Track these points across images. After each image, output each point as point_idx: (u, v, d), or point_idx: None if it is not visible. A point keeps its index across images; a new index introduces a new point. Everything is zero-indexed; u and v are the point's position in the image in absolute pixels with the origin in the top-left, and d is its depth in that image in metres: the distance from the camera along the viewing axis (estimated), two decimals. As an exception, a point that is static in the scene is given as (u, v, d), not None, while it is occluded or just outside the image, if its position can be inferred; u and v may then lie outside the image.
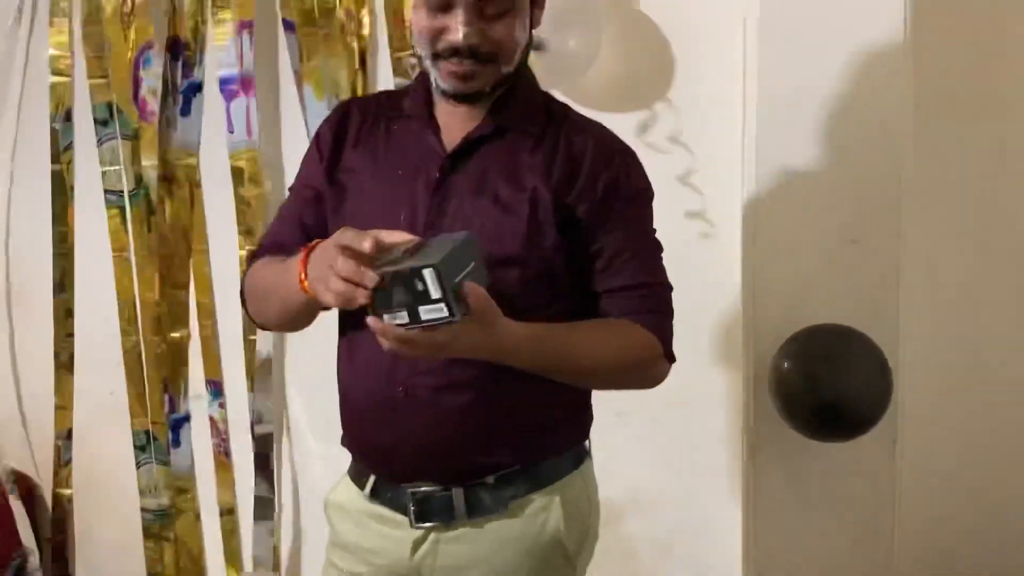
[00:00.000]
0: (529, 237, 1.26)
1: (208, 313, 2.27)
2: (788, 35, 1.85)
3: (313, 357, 1.64)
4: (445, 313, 1.05)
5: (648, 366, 1.31)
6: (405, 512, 1.32)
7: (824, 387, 1.73)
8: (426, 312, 1.06)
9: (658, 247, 1.36)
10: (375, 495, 1.36)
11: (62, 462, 2.36)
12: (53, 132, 2.22)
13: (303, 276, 1.19)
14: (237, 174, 2.18)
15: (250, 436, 2.26)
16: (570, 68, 1.94)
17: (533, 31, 1.32)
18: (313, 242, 1.21)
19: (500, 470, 1.31)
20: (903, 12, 1.81)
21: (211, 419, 2.30)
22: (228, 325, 2.27)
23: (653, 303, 1.32)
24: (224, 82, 2.15)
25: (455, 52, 1.23)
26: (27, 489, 2.40)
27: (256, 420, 2.26)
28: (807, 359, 1.77)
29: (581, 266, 1.32)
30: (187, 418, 2.31)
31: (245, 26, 2.14)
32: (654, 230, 1.36)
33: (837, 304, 1.85)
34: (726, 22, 1.96)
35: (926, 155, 1.92)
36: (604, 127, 1.37)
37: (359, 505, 1.38)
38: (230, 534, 2.32)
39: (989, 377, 2.04)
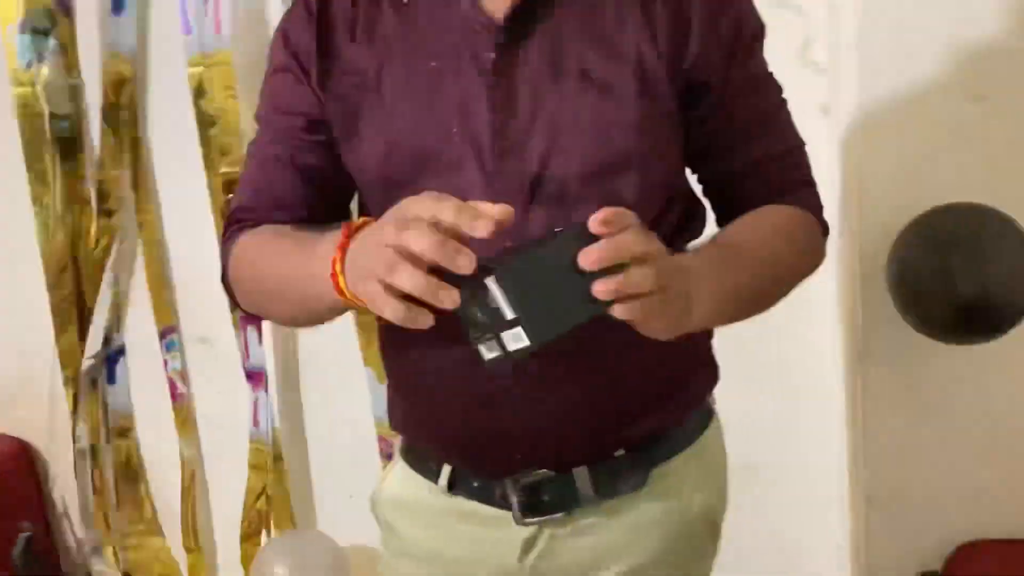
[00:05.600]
0: (642, 125, 0.94)
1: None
2: None
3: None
4: (526, 341, 0.73)
5: (815, 253, 1.05)
6: (504, 506, 1.02)
7: (965, 279, 1.44)
8: (510, 340, 0.74)
9: (784, 98, 1.05)
10: (455, 488, 1.05)
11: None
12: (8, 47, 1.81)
13: (338, 272, 0.81)
14: (198, 86, 1.80)
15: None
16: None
17: None
18: (359, 221, 0.84)
19: (632, 441, 1.02)
20: None
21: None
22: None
23: (798, 173, 1.05)
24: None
25: None
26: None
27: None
28: (938, 247, 1.47)
29: (697, 143, 1.01)
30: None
31: None
32: (771, 73, 1.05)
33: (962, 178, 1.55)
34: None
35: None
36: None
37: (432, 501, 1.07)
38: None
39: None
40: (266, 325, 1.95)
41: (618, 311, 0.74)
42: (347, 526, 2.02)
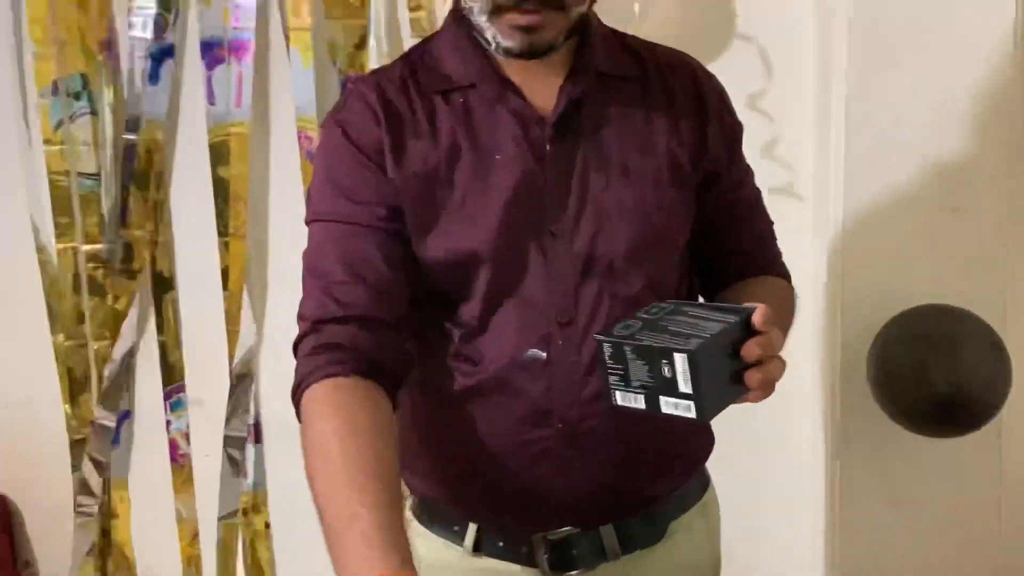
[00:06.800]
0: (674, 209, 1.07)
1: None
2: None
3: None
4: (693, 414, 0.85)
5: (794, 312, 1.19)
6: (529, 563, 1.09)
7: (940, 376, 1.52)
8: (668, 405, 0.86)
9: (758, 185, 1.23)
10: (480, 547, 1.11)
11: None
12: (43, 107, 1.86)
13: None
14: (217, 152, 1.88)
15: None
16: (623, 18, 1.69)
17: None
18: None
19: (650, 499, 1.11)
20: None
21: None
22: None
23: (776, 247, 1.23)
24: (208, 47, 1.86)
25: None
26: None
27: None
28: (915, 344, 1.56)
29: (703, 223, 1.14)
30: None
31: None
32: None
33: (937, 281, 1.65)
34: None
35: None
36: (688, 54, 1.16)
37: (459, 563, 1.11)
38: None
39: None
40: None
41: (755, 396, 0.89)
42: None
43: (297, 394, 0.96)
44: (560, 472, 1.05)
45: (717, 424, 1.19)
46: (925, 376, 1.53)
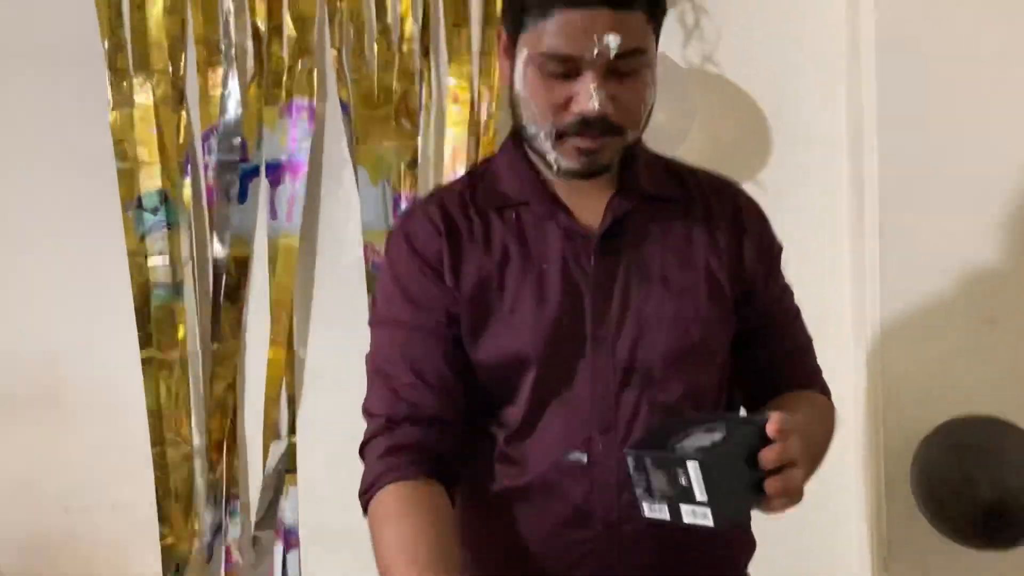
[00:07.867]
0: (711, 322, 1.12)
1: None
2: (908, 95, 1.72)
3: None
4: (709, 521, 0.87)
5: (834, 428, 1.21)
6: None
7: (985, 488, 1.53)
8: (688, 514, 0.89)
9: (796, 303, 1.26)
10: None
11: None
12: (126, 220, 1.99)
13: None
14: (273, 262, 2.00)
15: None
16: (662, 143, 1.79)
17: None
18: None
19: None
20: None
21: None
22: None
23: (814, 362, 1.25)
24: (272, 167, 2.00)
25: (585, 124, 1.03)
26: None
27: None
28: (959, 456, 1.58)
29: (742, 336, 1.18)
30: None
31: (301, 109, 1.99)
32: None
33: (976, 392, 1.68)
34: (823, 85, 1.88)
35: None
36: (728, 178, 1.24)
37: None
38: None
39: None
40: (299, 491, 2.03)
41: (776, 504, 0.91)
42: None
43: (369, 493, 1.05)
44: (601, 574, 1.08)
45: (762, 535, 1.22)
46: (970, 487, 1.55)
